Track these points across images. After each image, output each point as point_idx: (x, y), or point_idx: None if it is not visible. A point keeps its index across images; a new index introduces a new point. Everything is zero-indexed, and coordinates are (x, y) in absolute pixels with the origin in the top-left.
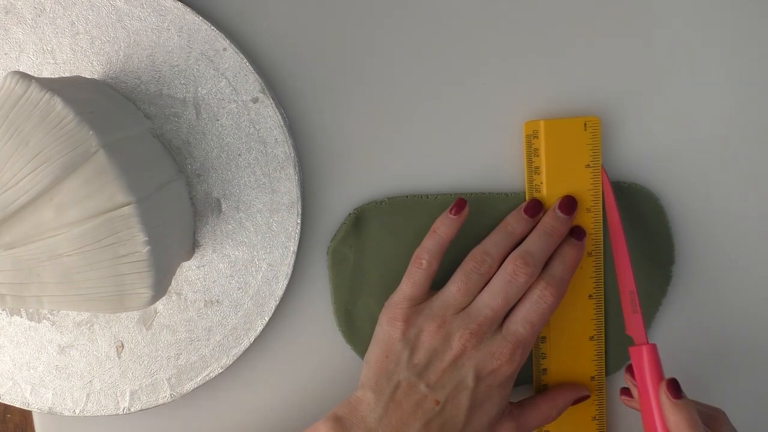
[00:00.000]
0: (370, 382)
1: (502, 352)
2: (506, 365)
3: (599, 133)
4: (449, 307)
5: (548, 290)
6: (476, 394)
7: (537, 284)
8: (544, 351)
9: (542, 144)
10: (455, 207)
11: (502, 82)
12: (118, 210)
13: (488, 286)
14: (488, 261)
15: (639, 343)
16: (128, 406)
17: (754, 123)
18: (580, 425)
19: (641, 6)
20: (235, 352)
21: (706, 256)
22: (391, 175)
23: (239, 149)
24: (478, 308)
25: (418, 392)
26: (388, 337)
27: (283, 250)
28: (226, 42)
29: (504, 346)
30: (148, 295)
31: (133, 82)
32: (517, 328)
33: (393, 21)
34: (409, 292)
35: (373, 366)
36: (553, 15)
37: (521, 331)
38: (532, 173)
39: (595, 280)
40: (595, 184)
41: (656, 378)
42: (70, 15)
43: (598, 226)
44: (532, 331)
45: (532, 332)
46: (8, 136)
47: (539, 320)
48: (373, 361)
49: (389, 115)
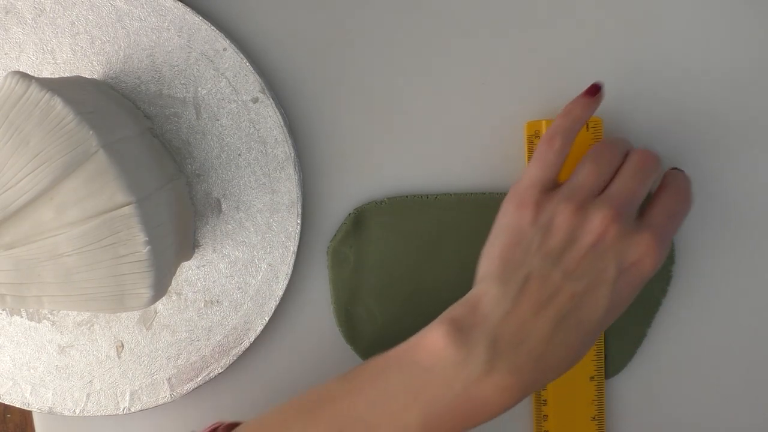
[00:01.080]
0: (494, 275)
1: (647, 242)
2: (649, 258)
3: (602, 133)
4: (584, 189)
5: (681, 174)
6: (616, 290)
7: (670, 173)
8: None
9: None
10: (590, 89)
11: (503, 82)
12: (118, 210)
13: (621, 171)
14: (617, 147)
15: None
16: (128, 406)
17: (756, 124)
18: (579, 425)
19: (644, 6)
20: (235, 352)
21: (706, 256)
22: (391, 175)
23: (239, 149)
24: (618, 189)
25: (553, 283)
26: (517, 224)
27: (283, 250)
28: (226, 42)
29: (647, 236)
30: (148, 295)
31: (133, 82)
32: (660, 220)
33: (393, 21)
34: (540, 174)
35: (497, 257)
36: (554, 14)
37: (664, 221)
38: None
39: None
40: None
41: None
42: (70, 15)
43: None
44: (673, 224)
45: (673, 225)
46: (8, 136)
47: (681, 211)
48: (498, 251)
49: (389, 115)
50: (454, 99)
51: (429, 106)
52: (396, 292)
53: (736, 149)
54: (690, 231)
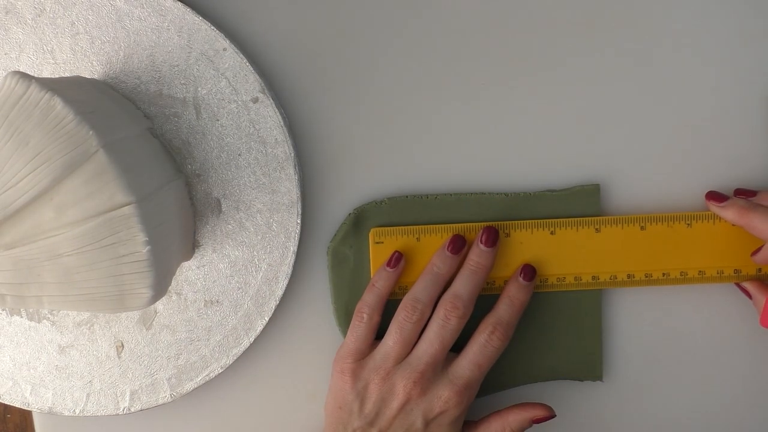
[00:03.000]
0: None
1: (449, 396)
2: (454, 408)
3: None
4: (389, 359)
5: (495, 334)
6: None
7: (484, 328)
8: None
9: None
10: (391, 260)
11: (503, 82)
12: (118, 210)
13: (424, 333)
14: (419, 308)
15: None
16: (128, 406)
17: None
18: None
19: (646, 6)
20: (235, 352)
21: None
22: (391, 175)
23: (239, 149)
24: (418, 357)
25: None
26: (341, 387)
27: (283, 250)
28: (226, 42)
29: (451, 389)
30: (148, 295)
31: (133, 82)
32: (464, 372)
33: (393, 21)
34: (353, 346)
35: (329, 416)
36: (556, 14)
37: (468, 374)
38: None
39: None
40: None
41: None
42: (70, 15)
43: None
44: (479, 373)
45: (480, 374)
46: (8, 136)
47: (487, 363)
48: (329, 411)
49: (389, 115)
50: (454, 99)
51: (429, 107)
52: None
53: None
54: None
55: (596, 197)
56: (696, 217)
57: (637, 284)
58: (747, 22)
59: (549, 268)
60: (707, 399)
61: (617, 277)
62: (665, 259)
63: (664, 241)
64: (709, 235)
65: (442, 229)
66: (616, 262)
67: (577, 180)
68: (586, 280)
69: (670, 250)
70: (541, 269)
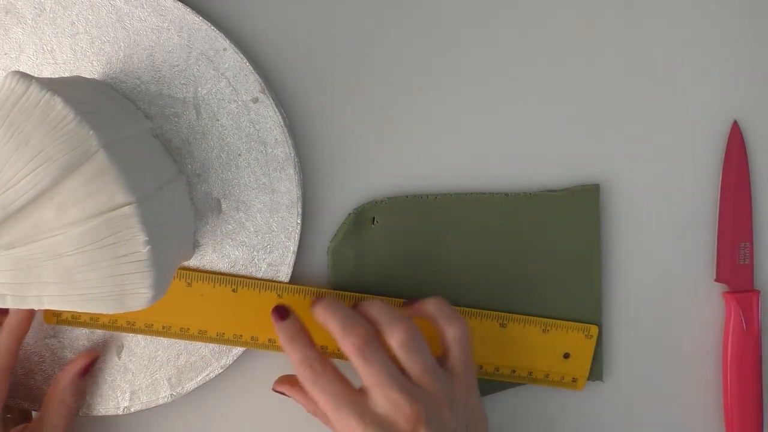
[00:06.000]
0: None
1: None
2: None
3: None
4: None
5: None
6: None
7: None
8: None
9: None
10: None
11: (503, 82)
12: (118, 210)
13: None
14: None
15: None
16: (128, 406)
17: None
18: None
19: (646, 7)
20: (235, 352)
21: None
22: (391, 175)
23: (239, 149)
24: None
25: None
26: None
27: (283, 250)
28: (226, 42)
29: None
30: (148, 295)
31: (133, 82)
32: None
33: (393, 21)
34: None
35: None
36: (556, 14)
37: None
38: None
39: None
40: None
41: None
42: (70, 15)
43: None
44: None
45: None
46: (8, 135)
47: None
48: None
49: (389, 115)
50: (454, 99)
51: (429, 106)
52: (396, 292)
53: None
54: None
55: (596, 197)
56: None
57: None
58: (747, 22)
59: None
60: (707, 399)
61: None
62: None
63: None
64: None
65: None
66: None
67: (577, 180)
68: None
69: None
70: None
